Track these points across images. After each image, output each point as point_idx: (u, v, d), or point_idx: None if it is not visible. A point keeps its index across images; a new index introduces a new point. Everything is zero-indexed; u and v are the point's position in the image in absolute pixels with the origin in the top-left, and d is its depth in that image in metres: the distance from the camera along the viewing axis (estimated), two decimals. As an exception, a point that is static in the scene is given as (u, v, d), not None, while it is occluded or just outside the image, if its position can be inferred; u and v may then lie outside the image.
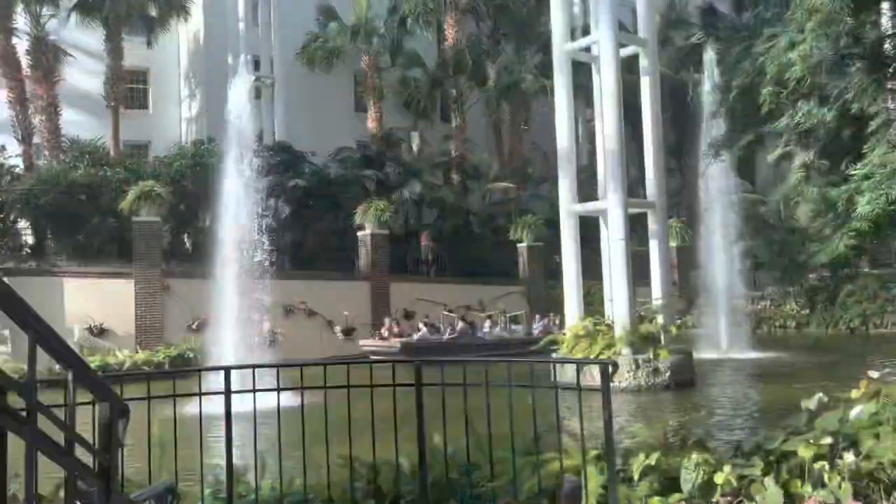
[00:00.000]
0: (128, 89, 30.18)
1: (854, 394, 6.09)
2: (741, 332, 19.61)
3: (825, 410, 6.45)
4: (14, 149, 26.49)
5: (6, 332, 19.30)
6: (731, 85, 5.79)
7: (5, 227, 22.35)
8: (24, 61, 26.01)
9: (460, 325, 20.82)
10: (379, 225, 22.95)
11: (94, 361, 18.29)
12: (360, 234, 23.33)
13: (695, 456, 5.03)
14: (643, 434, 5.37)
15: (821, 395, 5.98)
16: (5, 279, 19.54)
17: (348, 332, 20.96)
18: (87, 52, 28.35)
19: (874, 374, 5.92)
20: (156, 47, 29.39)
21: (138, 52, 29.14)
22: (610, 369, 4.30)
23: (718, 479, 4.71)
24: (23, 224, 23.89)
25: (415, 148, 30.62)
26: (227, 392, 4.77)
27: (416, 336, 20.18)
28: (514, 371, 5.07)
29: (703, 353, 18.77)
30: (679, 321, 27.78)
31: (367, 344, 20.29)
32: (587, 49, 15.29)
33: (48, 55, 26.13)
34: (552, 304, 25.02)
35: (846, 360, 17.40)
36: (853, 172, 4.95)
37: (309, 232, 25.97)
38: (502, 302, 26.10)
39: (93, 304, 19.82)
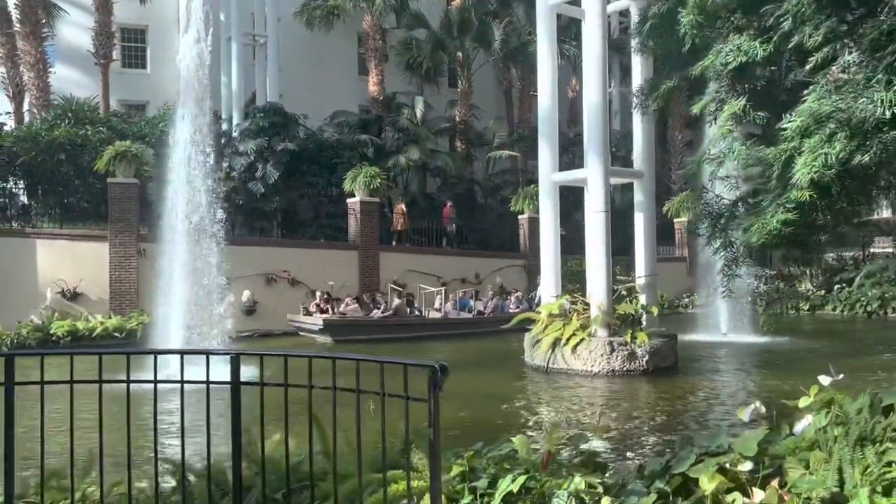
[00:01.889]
0: (126, 48, 29.43)
1: (802, 402, 5.01)
2: (744, 313, 18.37)
3: (762, 422, 5.41)
4: (6, 106, 26.02)
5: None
6: (647, 14, 4.69)
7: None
8: (15, 15, 25.29)
9: (396, 301, 19.33)
10: (369, 192, 21.97)
11: (63, 326, 17.77)
12: (349, 201, 22.38)
13: (577, 480, 4.04)
14: (523, 449, 4.36)
15: (757, 404, 4.91)
16: (-24, 239, 19.03)
17: (330, 301, 20.05)
18: (83, 8, 27.56)
19: (825, 380, 4.82)
20: (154, 5, 28.47)
21: (136, 10, 28.31)
22: (439, 374, 3.28)
23: (592, 512, 3.71)
24: (5, 184, 23.35)
25: (418, 113, 29.46)
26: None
27: (344, 311, 18.76)
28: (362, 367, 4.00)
29: (699, 336, 17.67)
30: (687, 300, 26.74)
31: (295, 319, 19.11)
32: (577, 3, 14.01)
33: (37, 10, 25.34)
34: (578, 279, 23.93)
35: (855, 347, 16.17)
36: (784, 126, 3.85)
37: (304, 198, 25.14)
38: (499, 276, 25.11)
39: (66, 267, 19.22)
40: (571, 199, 21.05)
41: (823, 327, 21.01)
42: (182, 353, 4.15)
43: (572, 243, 20.15)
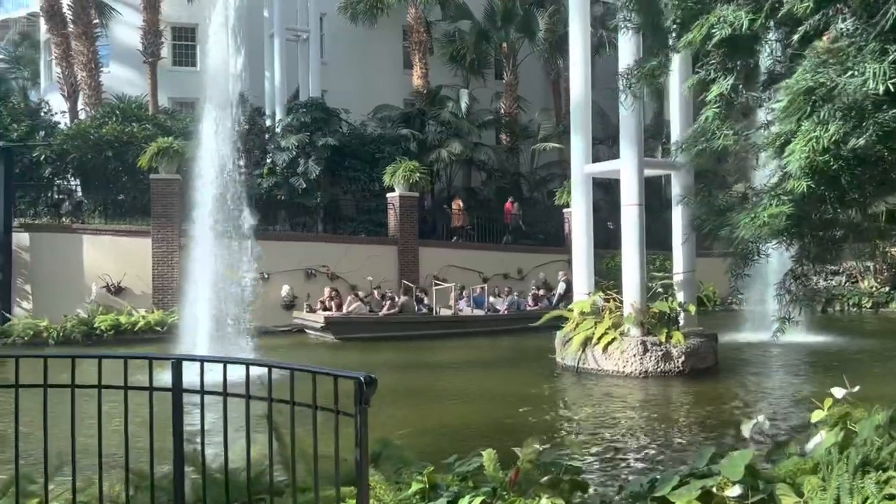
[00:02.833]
0: (176, 46, 29.92)
1: (815, 416, 4.52)
2: (795, 312, 17.36)
3: (765, 438, 4.93)
4: (62, 106, 26.77)
5: (28, 288, 19.40)
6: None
7: (42, 183, 22.37)
8: (68, 16, 25.97)
9: (402, 298, 18.71)
10: (409, 186, 21.75)
11: (106, 321, 18.15)
12: (389, 195, 22.22)
13: (545, 501, 3.68)
14: (491, 465, 4.01)
15: (761, 418, 4.44)
16: (27, 235, 19.59)
17: (336, 298, 19.92)
18: (135, 7, 28.10)
19: (838, 393, 4.32)
20: (203, 3, 28.83)
21: (186, 9, 28.73)
22: (364, 388, 2.97)
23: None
24: (62, 181, 23.98)
25: (463, 106, 29.08)
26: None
27: (348, 309, 18.20)
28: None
29: (746, 336, 16.83)
30: (741, 297, 25.60)
31: (299, 316, 18.79)
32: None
33: (89, 10, 25.96)
34: (599, 274, 23.29)
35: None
36: (773, 105, 3.38)
37: (347, 193, 25.10)
38: (543, 271, 24.59)
39: (111, 262, 19.61)
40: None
41: (886, 327, 19.83)
42: (126, 357, 3.92)
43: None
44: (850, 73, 2.89)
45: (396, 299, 18.60)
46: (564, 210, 25.73)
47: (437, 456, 4.88)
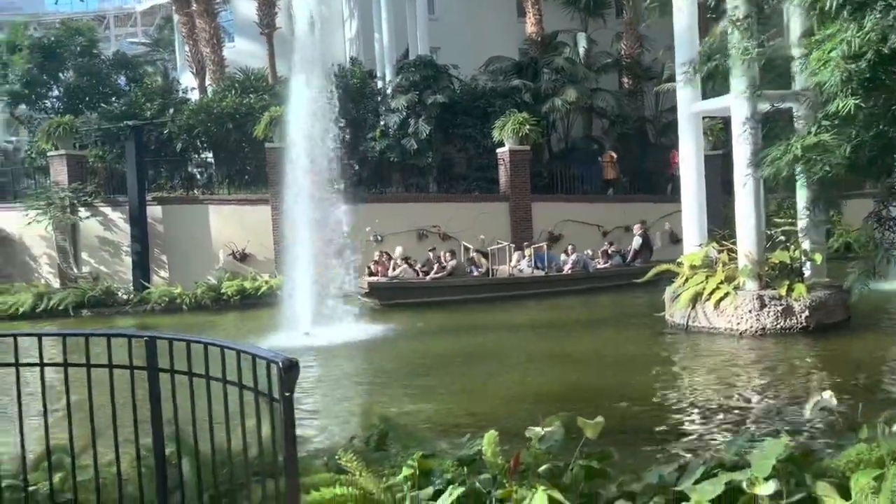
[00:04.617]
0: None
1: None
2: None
3: (834, 417, 4.14)
4: (192, 83, 28.21)
5: (164, 258, 20.73)
6: None
7: (175, 157, 23.69)
8: (191, -5, 27.11)
9: (452, 261, 17.53)
10: (519, 140, 21.06)
11: (232, 286, 19.05)
12: (498, 150, 21.65)
13: (540, 493, 3.21)
14: (491, 450, 3.57)
15: (826, 395, 3.67)
16: (159, 209, 20.88)
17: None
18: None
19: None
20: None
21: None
22: (281, 372, 2.63)
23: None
24: (196, 154, 25.31)
25: (581, 51, 27.73)
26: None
27: (393, 273, 17.25)
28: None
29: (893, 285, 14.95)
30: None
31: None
32: None
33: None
34: (729, 221, 21.65)
35: None
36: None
37: (461, 151, 24.77)
38: (669, 221, 23.16)
39: (235, 230, 20.51)
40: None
41: None
42: (87, 335, 3.80)
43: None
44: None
45: (445, 262, 17.67)
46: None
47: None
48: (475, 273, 18.10)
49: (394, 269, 17.56)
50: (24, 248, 21.49)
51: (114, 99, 25.15)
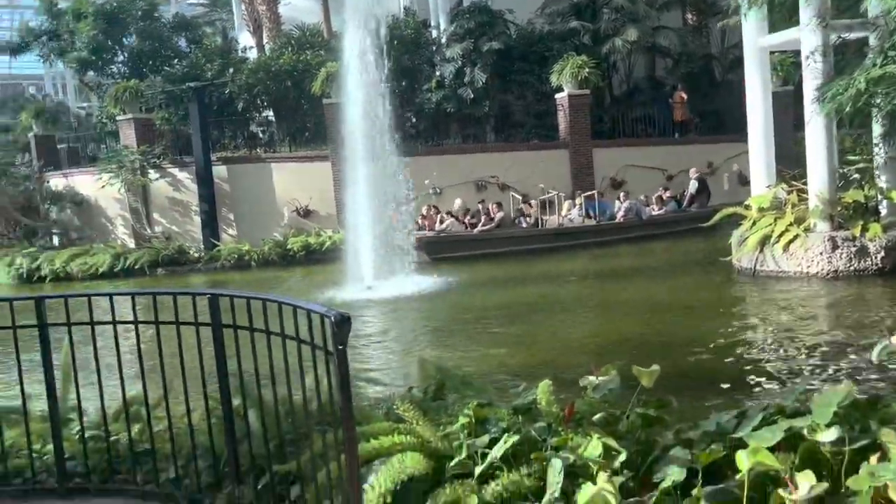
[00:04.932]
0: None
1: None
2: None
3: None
4: (250, 42, 28.44)
5: (231, 216, 21.30)
6: None
7: (237, 117, 24.08)
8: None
9: (499, 213, 17.19)
10: (577, 84, 20.57)
11: (297, 242, 19.47)
12: (557, 96, 21.21)
13: (595, 441, 3.23)
14: (545, 398, 3.60)
15: (893, 339, 3.54)
16: (224, 168, 21.35)
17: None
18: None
19: None
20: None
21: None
22: (334, 327, 2.69)
23: (582, 496, 2.91)
24: (258, 113, 25.67)
25: (645, -14, 26.62)
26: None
27: (440, 227, 17.00)
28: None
29: None
30: None
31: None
32: None
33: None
34: (800, 161, 20.77)
35: None
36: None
37: (519, 99, 24.36)
38: (737, 162, 22.39)
39: (298, 187, 20.84)
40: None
41: None
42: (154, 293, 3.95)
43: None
44: None
45: (493, 214, 17.42)
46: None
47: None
48: (524, 224, 17.86)
49: (440, 223, 17.53)
50: (100, 210, 22.41)
51: (176, 61, 25.62)
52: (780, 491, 2.62)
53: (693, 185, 19.04)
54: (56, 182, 23.10)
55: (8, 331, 4.05)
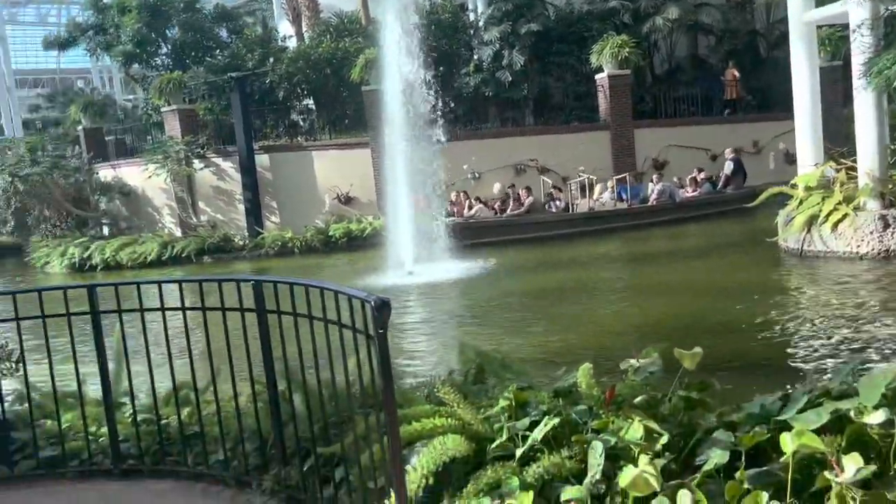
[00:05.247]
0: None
1: None
2: None
3: None
4: (289, 31, 28.66)
5: (274, 204, 21.59)
6: None
7: (278, 106, 24.32)
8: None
9: (528, 198, 16.87)
10: (618, 64, 20.27)
11: (339, 229, 19.64)
12: (597, 77, 20.94)
13: (636, 423, 3.23)
14: (585, 381, 3.60)
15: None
16: (266, 157, 21.62)
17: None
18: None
19: None
20: None
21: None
22: (374, 311, 2.74)
23: (624, 478, 2.91)
24: (298, 102, 25.88)
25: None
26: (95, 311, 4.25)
27: (469, 213, 16.83)
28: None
29: None
30: None
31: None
32: None
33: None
34: (849, 138, 20.15)
35: None
36: None
37: (560, 81, 24.12)
38: (783, 141, 21.85)
39: (339, 174, 21.00)
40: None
41: None
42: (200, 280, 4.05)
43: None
44: None
45: (522, 199, 17.23)
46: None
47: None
48: (553, 209, 17.63)
49: (469, 209, 17.44)
50: (147, 200, 22.93)
51: (217, 52, 25.96)
52: (826, 473, 2.59)
53: (728, 166, 18.60)
54: (105, 173, 23.69)
55: (63, 318, 4.21)
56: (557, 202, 17.95)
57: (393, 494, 2.90)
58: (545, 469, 3.10)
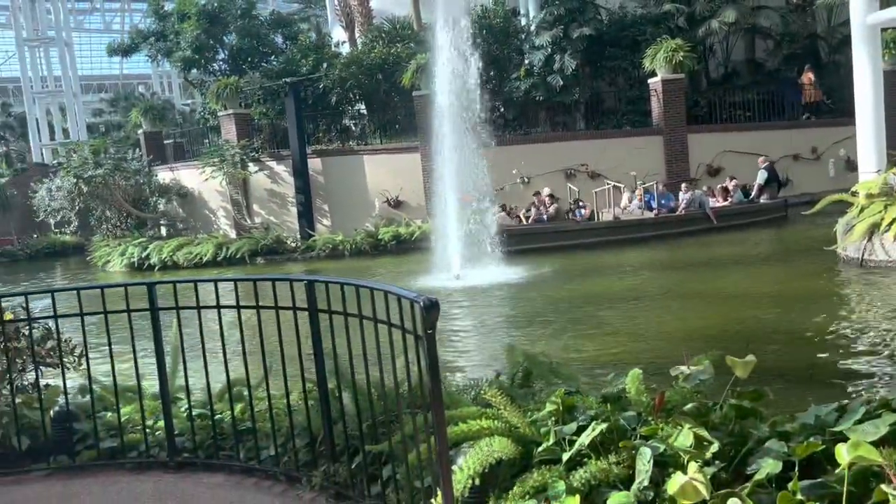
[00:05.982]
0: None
1: None
2: None
3: None
4: (343, 36, 29.09)
5: (325, 207, 21.91)
6: None
7: (331, 111, 24.68)
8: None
9: (553, 206, 16.61)
10: (672, 69, 19.99)
11: (388, 232, 19.83)
12: (650, 81, 20.68)
13: (686, 431, 3.20)
14: (634, 388, 3.57)
15: None
16: (318, 161, 21.96)
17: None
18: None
19: None
20: None
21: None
22: (423, 312, 2.77)
23: (672, 485, 2.88)
24: (351, 107, 26.20)
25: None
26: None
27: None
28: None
29: None
30: None
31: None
32: None
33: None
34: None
35: None
36: None
37: (612, 85, 23.92)
38: (844, 147, 21.22)
39: (389, 178, 21.19)
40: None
41: None
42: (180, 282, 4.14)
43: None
44: None
45: (545, 207, 17.00)
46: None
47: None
48: (578, 218, 17.37)
49: (546, 209, 17.44)
50: (204, 202, 23.52)
51: (273, 58, 26.52)
52: (884, 486, 2.52)
53: (762, 175, 18.04)
54: (163, 175, 24.39)
55: (123, 314, 4.36)
56: (584, 210, 17.80)
57: (440, 493, 2.92)
58: (592, 474, 3.09)
